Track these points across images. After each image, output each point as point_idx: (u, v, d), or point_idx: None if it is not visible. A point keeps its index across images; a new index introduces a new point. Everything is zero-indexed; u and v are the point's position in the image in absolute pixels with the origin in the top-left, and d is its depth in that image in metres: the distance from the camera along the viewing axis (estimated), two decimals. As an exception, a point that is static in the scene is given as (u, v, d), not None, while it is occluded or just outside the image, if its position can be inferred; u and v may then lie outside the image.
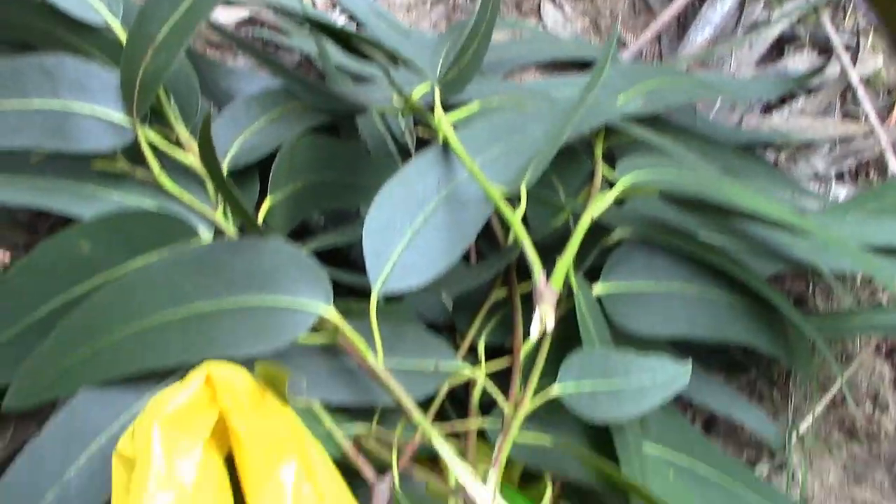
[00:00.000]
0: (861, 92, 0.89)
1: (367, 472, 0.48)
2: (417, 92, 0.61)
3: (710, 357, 0.71)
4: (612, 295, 0.57)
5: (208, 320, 0.46)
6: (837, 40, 0.96)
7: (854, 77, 0.93)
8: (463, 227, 0.52)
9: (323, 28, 0.63)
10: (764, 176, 0.84)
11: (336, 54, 0.73)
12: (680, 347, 0.67)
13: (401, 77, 0.61)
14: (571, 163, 0.64)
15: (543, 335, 0.55)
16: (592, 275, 0.58)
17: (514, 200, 0.59)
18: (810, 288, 0.79)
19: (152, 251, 0.50)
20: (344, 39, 0.61)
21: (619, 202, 0.63)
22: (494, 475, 0.45)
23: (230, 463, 0.43)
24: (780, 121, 0.96)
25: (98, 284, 0.50)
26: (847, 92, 1.00)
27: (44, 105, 0.54)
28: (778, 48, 1.01)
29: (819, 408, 0.71)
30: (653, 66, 0.80)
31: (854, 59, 0.96)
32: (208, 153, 0.46)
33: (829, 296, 0.78)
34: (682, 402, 0.71)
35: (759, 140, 0.89)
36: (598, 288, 0.57)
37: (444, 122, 0.55)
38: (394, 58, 0.59)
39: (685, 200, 0.60)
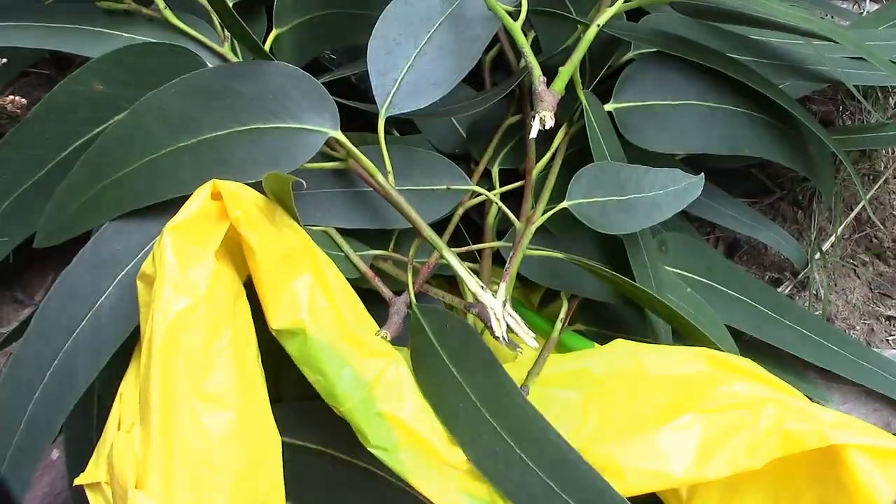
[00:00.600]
0: None
1: (385, 291, 0.49)
2: None
3: (732, 181, 0.71)
4: (625, 111, 0.56)
5: (219, 145, 0.46)
6: None
7: None
8: (468, 45, 0.52)
9: None
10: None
11: None
12: (698, 170, 0.67)
13: None
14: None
15: (555, 155, 0.55)
16: (608, 96, 0.58)
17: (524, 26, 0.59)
18: (839, 109, 0.77)
19: (163, 84, 0.51)
20: None
21: (634, 19, 0.62)
22: (504, 286, 0.46)
23: (250, 289, 0.44)
24: (813, -63, 0.91)
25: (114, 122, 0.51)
26: None
27: (44, -59, 0.54)
28: None
29: (842, 227, 0.71)
30: None
31: None
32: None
33: (856, 116, 0.76)
34: (704, 228, 0.71)
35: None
36: (611, 104, 0.56)
37: (446, -63, 0.53)
38: None
39: (702, 12, 0.58)
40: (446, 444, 0.44)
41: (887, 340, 0.68)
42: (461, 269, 0.46)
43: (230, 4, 0.55)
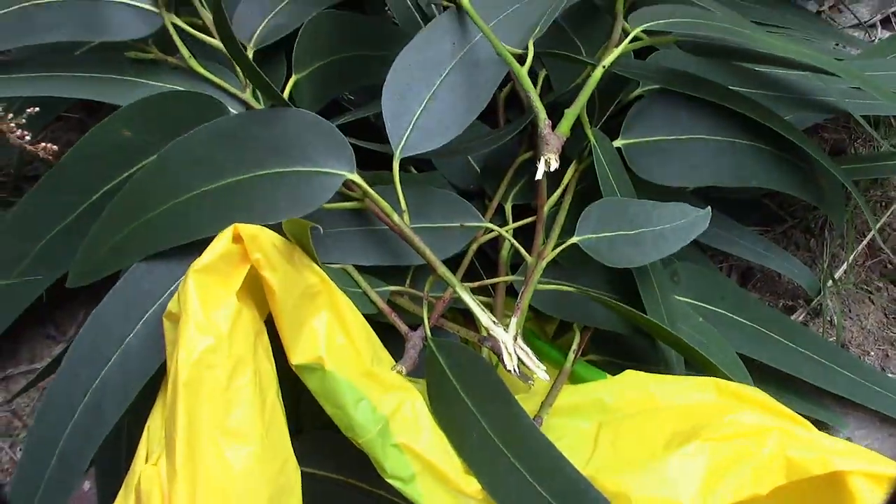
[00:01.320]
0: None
1: (401, 325, 0.51)
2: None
3: (744, 211, 0.72)
4: (634, 146, 0.58)
5: (241, 189, 0.49)
6: None
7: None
8: (479, 88, 0.54)
9: None
10: (803, 25, 0.82)
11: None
12: (711, 201, 0.68)
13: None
14: (593, 22, 0.64)
15: (565, 191, 0.57)
16: (618, 132, 0.60)
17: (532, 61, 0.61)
18: (851, 136, 0.78)
19: (188, 131, 0.53)
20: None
21: (643, 56, 0.64)
22: (515, 320, 0.48)
23: (271, 325, 0.46)
24: (823, -32, 0.93)
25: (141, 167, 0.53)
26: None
27: (76, -1, 0.57)
28: None
29: (854, 254, 0.71)
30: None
31: None
32: (224, 31, 0.48)
33: (869, 144, 0.77)
34: (717, 257, 0.72)
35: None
36: (620, 141, 0.58)
37: (456, -14, 0.55)
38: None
39: (708, 49, 0.60)
40: (461, 474, 0.45)
41: (902, 366, 0.69)
42: (473, 305, 0.48)
43: (252, 52, 0.58)
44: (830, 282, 0.70)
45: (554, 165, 0.46)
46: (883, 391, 0.65)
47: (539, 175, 0.47)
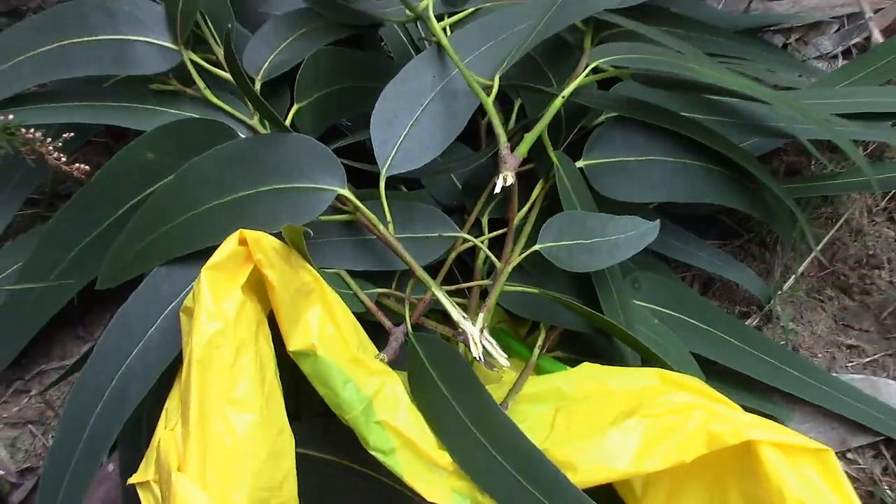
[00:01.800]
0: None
1: (386, 322, 0.59)
2: (423, 4, 0.70)
3: (704, 226, 0.79)
4: (594, 167, 0.65)
5: (248, 203, 0.56)
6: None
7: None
8: (456, 116, 0.62)
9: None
10: (767, 58, 0.89)
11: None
12: (673, 218, 0.76)
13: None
14: (566, 56, 0.72)
15: (533, 206, 0.64)
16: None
17: (508, 91, 0.69)
18: (808, 160, 0.85)
19: (203, 153, 0.61)
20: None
21: (606, 87, 0.71)
22: (482, 316, 0.55)
23: (272, 320, 0.54)
24: (788, 5, 1.00)
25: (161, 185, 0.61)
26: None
27: (107, 38, 0.65)
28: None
29: (803, 265, 0.78)
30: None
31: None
32: (234, 69, 0.56)
33: (823, 165, 0.84)
34: (680, 268, 0.80)
35: (761, 24, 0.95)
36: (582, 162, 0.65)
37: (436, 27, 0.63)
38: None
39: (661, 81, 0.67)
40: (435, 449, 0.52)
41: (847, 367, 0.76)
42: (447, 302, 0.55)
43: (259, 84, 0.66)
44: (781, 291, 0.77)
45: (510, 181, 0.54)
46: (827, 389, 0.72)
47: (497, 189, 0.54)
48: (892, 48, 0.78)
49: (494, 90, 0.60)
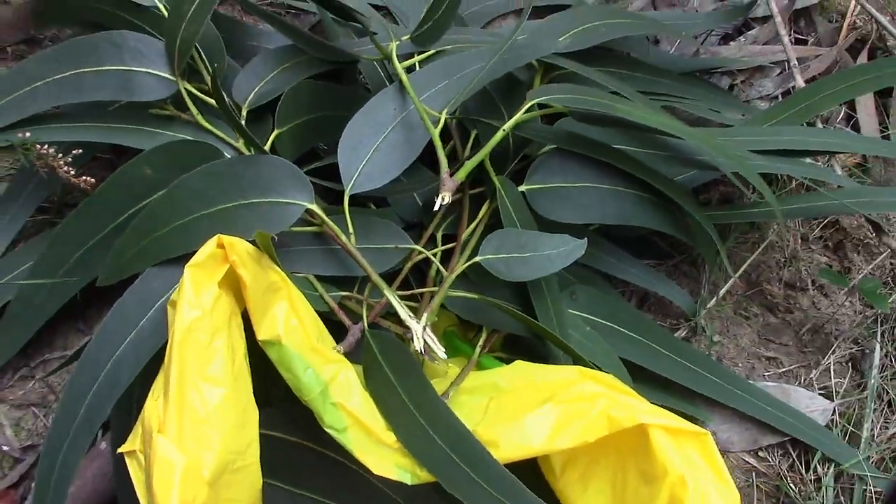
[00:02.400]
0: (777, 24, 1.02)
1: (346, 320, 0.68)
2: (392, 45, 0.79)
3: (640, 247, 0.89)
4: (535, 191, 0.75)
5: (229, 213, 0.66)
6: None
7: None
8: (413, 144, 0.71)
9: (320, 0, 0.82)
10: (711, 98, 0.99)
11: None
12: (613, 239, 0.85)
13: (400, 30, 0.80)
14: (515, 92, 0.81)
15: (479, 223, 0.74)
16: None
17: (464, 123, 0.78)
18: (748, 189, 0.95)
19: (192, 170, 0.70)
20: (339, 8, 0.79)
21: (555, 121, 0.81)
22: (425, 315, 0.64)
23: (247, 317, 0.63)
24: (735, 49, 1.10)
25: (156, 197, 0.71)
26: (800, 19, 1.13)
27: (114, 68, 0.75)
28: (736, -15, 1.14)
29: (728, 285, 0.88)
30: (599, 9, 0.96)
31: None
32: (221, 102, 0.66)
33: (759, 195, 0.94)
34: (619, 284, 0.89)
35: (708, 66, 1.04)
36: (524, 186, 0.75)
37: (398, 66, 0.73)
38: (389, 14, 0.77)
39: (596, 118, 0.77)
40: (383, 430, 0.61)
41: (764, 375, 0.85)
42: (395, 302, 0.64)
43: (245, 111, 0.75)
44: (706, 307, 0.86)
45: (447, 200, 0.63)
46: (743, 395, 0.81)
47: (436, 207, 0.64)
48: (811, 93, 0.88)
49: (441, 123, 0.70)
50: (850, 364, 0.86)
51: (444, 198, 0.64)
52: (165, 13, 0.77)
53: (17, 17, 0.91)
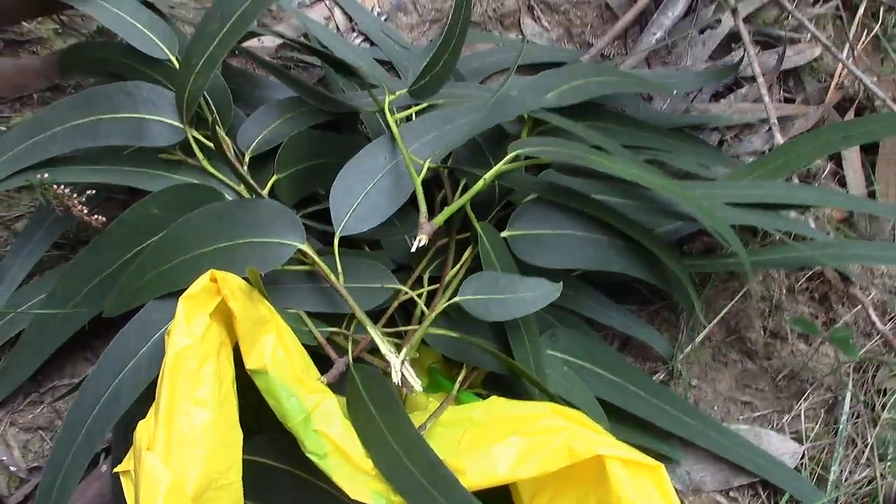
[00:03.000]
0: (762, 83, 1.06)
1: (332, 353, 0.72)
2: (388, 98, 0.85)
3: (622, 293, 0.92)
4: (516, 237, 0.79)
5: (226, 252, 0.71)
6: (780, 34, 1.15)
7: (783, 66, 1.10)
8: (401, 190, 0.76)
9: (324, 57, 0.88)
10: (699, 153, 1.04)
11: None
12: (595, 284, 0.89)
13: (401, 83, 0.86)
14: (503, 142, 0.86)
15: (462, 266, 0.78)
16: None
17: (453, 172, 0.83)
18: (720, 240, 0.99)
19: (195, 211, 0.76)
20: (342, 65, 0.85)
21: (537, 172, 0.86)
22: (405, 350, 0.69)
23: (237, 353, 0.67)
24: (725, 106, 1.15)
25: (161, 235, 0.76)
26: (789, 79, 1.18)
27: (127, 116, 0.81)
28: (728, 45, 1.20)
29: (705, 331, 0.91)
30: (590, 67, 1.01)
31: (783, 53, 1.13)
32: (223, 154, 0.71)
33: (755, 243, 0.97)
34: (602, 328, 0.92)
35: (695, 123, 1.09)
36: (506, 232, 0.79)
37: (390, 118, 0.78)
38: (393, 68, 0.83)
39: (577, 169, 0.81)
40: (362, 456, 0.65)
41: (739, 419, 0.88)
42: (378, 338, 0.69)
43: (248, 157, 0.81)
44: (683, 353, 0.90)
45: (423, 242, 0.68)
46: (717, 436, 0.84)
47: (413, 248, 0.69)
48: (788, 149, 0.92)
49: (423, 171, 0.75)
50: (823, 410, 0.89)
51: (422, 240, 0.68)
52: (177, 66, 0.83)
53: (44, 67, 0.97)
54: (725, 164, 1.04)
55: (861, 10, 1.20)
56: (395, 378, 0.67)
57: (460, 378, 0.77)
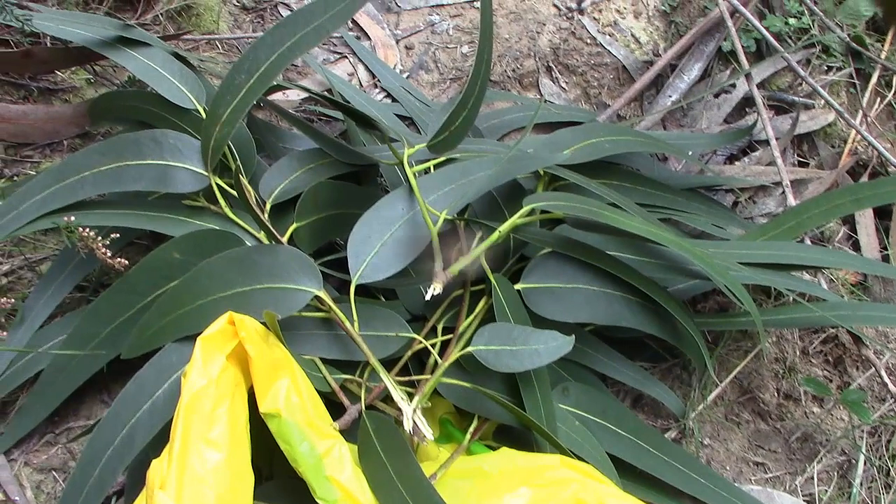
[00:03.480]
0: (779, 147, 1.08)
1: (345, 400, 0.73)
2: (408, 152, 0.87)
3: (635, 349, 0.93)
4: (529, 290, 0.80)
5: (244, 296, 0.72)
6: (794, 99, 1.17)
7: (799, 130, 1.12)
8: (417, 241, 0.77)
9: (346, 111, 0.90)
10: (712, 213, 1.05)
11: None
12: (608, 340, 0.89)
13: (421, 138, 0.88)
14: (517, 196, 0.88)
15: (476, 317, 0.79)
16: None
17: (469, 224, 0.84)
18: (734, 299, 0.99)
19: (215, 256, 0.77)
20: (363, 119, 0.87)
21: (552, 227, 0.87)
22: (416, 398, 0.69)
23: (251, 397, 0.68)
24: (739, 168, 1.16)
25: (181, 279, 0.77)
26: (803, 143, 1.19)
27: (153, 163, 0.83)
28: (742, 108, 1.22)
29: (717, 390, 0.91)
30: (606, 126, 1.03)
31: (796, 118, 1.15)
32: (246, 204, 0.73)
33: (768, 302, 0.98)
34: (615, 384, 0.93)
35: (710, 184, 1.10)
36: (520, 285, 0.80)
37: (408, 171, 0.80)
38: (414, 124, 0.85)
39: (590, 225, 0.83)
40: (372, 503, 0.65)
41: (751, 479, 0.87)
42: (390, 386, 0.69)
43: (270, 204, 0.83)
44: (695, 411, 0.90)
45: (438, 291, 0.69)
46: (729, 497, 0.83)
47: (427, 297, 0.70)
48: (800, 211, 0.93)
49: (440, 222, 0.76)
50: (836, 473, 0.88)
51: (436, 288, 0.69)
52: (204, 115, 0.85)
53: (75, 115, 1.00)
54: (739, 225, 1.05)
55: (874, 79, 1.23)
56: (407, 426, 0.67)
57: (472, 429, 0.77)
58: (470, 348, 0.74)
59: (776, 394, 0.95)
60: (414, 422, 0.68)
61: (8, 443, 0.84)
